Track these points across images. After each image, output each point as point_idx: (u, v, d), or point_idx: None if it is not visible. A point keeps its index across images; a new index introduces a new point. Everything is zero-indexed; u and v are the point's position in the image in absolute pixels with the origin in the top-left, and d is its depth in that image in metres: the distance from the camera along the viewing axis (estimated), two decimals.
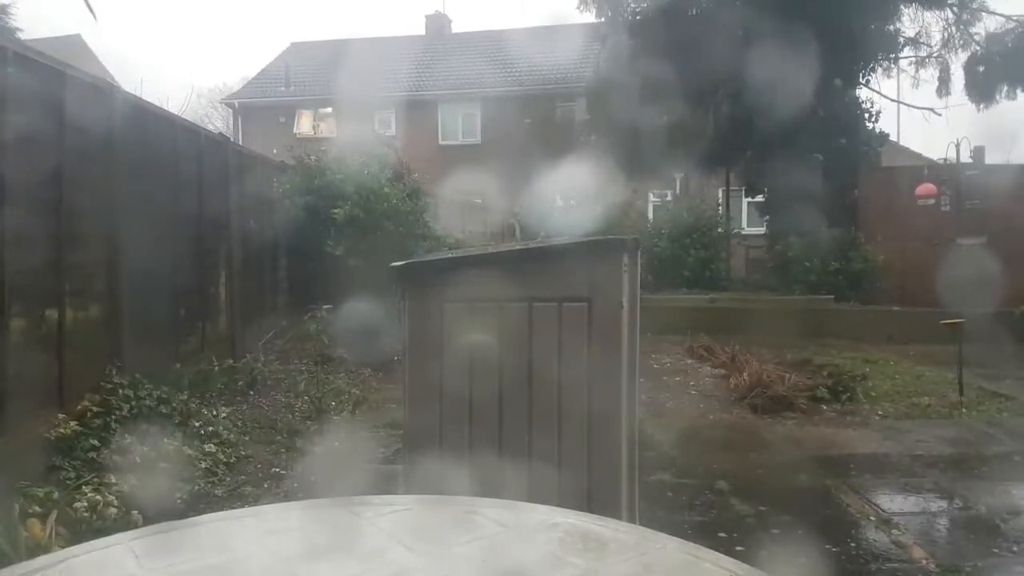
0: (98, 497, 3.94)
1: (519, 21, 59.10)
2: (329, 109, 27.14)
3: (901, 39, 15.64)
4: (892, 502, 4.89)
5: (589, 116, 17.51)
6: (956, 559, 3.97)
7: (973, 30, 15.18)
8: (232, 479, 5.13)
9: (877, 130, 15.50)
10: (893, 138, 17.96)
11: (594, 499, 2.95)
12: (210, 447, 5.39)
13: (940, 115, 16.16)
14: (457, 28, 31.28)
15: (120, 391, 5.27)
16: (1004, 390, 8.04)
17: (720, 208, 16.91)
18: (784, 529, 4.34)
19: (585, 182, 14.09)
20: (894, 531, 4.35)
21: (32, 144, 4.80)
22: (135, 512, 3.90)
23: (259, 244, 9.83)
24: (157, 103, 7.20)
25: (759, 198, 16.68)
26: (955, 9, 15.15)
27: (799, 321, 10.70)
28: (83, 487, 4.10)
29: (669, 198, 20.19)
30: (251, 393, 7.44)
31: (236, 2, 70.59)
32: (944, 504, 5.01)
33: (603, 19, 16.25)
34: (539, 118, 24.46)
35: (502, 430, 3.08)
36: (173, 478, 4.57)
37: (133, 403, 5.25)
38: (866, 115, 15.37)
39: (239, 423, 6.29)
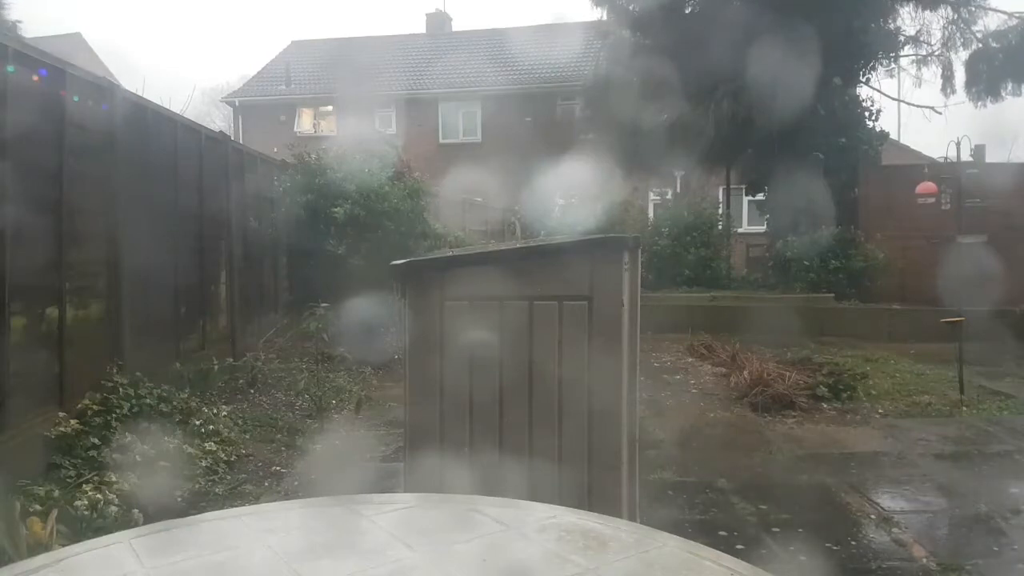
0: (99, 495, 3.94)
1: (519, 19, 59.12)
2: (330, 107, 27.13)
3: (901, 37, 15.62)
4: (892, 500, 4.88)
5: (589, 114, 17.50)
6: (957, 557, 3.97)
7: (974, 28, 15.16)
8: (233, 477, 5.13)
9: (877, 128, 15.49)
10: (893, 136, 17.95)
11: (594, 497, 2.96)
12: (210, 445, 5.39)
13: (940, 113, 16.15)
14: (457, 26, 31.33)
15: (120, 389, 5.26)
16: (1005, 388, 8.04)
17: (720, 206, 16.90)
18: (784, 527, 4.34)
19: (585, 180, 14.09)
20: (894, 529, 4.35)
21: (33, 142, 4.80)
22: (136, 510, 3.91)
23: (260, 242, 9.83)
24: (159, 102, 7.19)
25: (759, 196, 16.68)
26: (954, 7, 15.13)
27: (799, 319, 10.69)
28: (84, 485, 4.11)
29: (669, 196, 20.14)
30: (252, 391, 7.44)
31: (237, 1, 70.61)
32: (945, 502, 5.01)
33: (603, 16, 16.24)
34: (539, 116, 24.46)
35: (503, 428, 3.08)
36: (174, 476, 4.57)
37: (133, 401, 5.25)
38: (866, 113, 15.36)
39: (240, 421, 6.29)
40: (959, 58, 15.35)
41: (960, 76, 15.33)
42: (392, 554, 1.59)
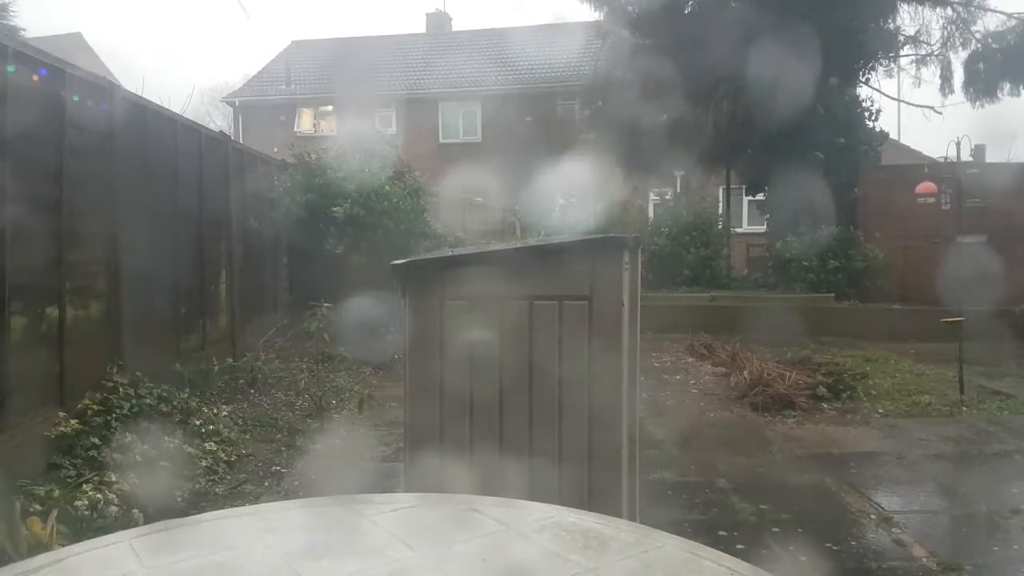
0: (99, 495, 3.94)
1: (519, 19, 59.17)
2: (330, 107, 27.14)
3: (901, 37, 15.61)
4: (892, 500, 4.88)
5: (589, 114, 17.49)
6: (957, 557, 3.97)
7: (974, 28, 15.14)
8: (233, 477, 5.13)
9: (877, 128, 15.51)
10: (893, 136, 17.96)
11: (594, 497, 2.95)
12: (211, 445, 5.39)
13: (940, 113, 16.12)
14: (458, 26, 31.37)
15: (121, 389, 5.27)
16: (1005, 388, 8.04)
17: (720, 206, 16.91)
18: (784, 527, 4.34)
19: (585, 180, 14.09)
20: (894, 529, 4.35)
21: (32, 142, 4.80)
22: (136, 510, 3.91)
23: (260, 242, 9.84)
24: (159, 102, 7.19)
25: (759, 196, 16.68)
26: (955, 7, 15.12)
27: (799, 319, 10.68)
28: (84, 485, 4.10)
29: (669, 196, 20.19)
30: (252, 391, 7.44)
31: (237, 2, 70.53)
32: (945, 502, 5.01)
33: (602, 16, 16.23)
34: (540, 116, 24.46)
35: (503, 428, 3.08)
36: (174, 476, 4.57)
37: (134, 401, 5.25)
38: (866, 113, 15.36)
39: (240, 421, 6.29)
40: (958, 58, 15.34)
41: (959, 76, 15.32)
42: (392, 554, 1.59)
